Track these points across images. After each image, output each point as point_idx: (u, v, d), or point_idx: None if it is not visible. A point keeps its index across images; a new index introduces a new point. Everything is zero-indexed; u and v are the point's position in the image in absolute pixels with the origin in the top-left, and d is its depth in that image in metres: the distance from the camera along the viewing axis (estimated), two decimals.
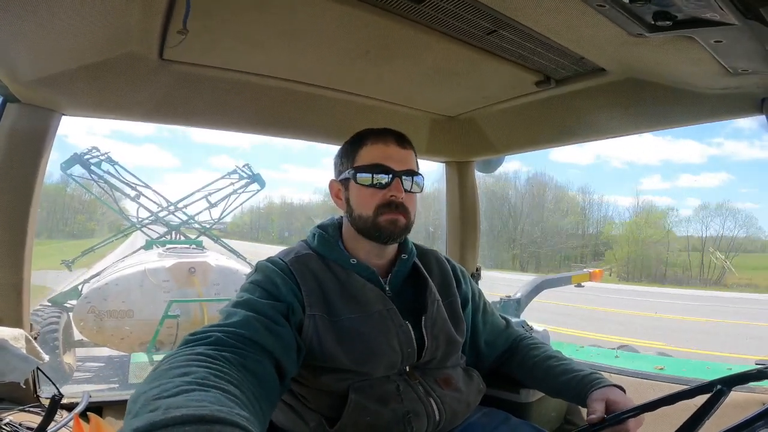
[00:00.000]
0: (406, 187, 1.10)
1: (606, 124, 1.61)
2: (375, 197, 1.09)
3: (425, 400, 1.04)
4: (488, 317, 1.32)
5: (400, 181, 1.09)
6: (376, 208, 1.09)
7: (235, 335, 0.84)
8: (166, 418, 0.54)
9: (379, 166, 1.10)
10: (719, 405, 0.78)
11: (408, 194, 1.11)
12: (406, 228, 1.12)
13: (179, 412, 0.55)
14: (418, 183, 1.13)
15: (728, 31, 0.96)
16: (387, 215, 1.08)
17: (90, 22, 1.04)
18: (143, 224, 9.73)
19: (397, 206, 1.09)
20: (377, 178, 1.09)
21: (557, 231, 35.68)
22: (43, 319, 6.57)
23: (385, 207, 1.08)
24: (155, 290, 6.51)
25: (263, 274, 1.04)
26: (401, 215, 1.09)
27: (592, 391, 1.05)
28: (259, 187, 10.55)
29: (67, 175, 9.06)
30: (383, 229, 1.08)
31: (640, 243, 30.71)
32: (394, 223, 1.08)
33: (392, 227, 1.09)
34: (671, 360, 2.89)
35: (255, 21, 1.13)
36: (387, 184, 1.09)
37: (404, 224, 1.10)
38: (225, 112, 1.56)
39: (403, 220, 1.10)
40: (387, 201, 1.08)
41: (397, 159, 1.11)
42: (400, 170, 1.10)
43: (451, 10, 1.09)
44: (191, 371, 0.68)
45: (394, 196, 1.08)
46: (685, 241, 31.25)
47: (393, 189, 1.08)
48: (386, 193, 1.08)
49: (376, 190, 1.09)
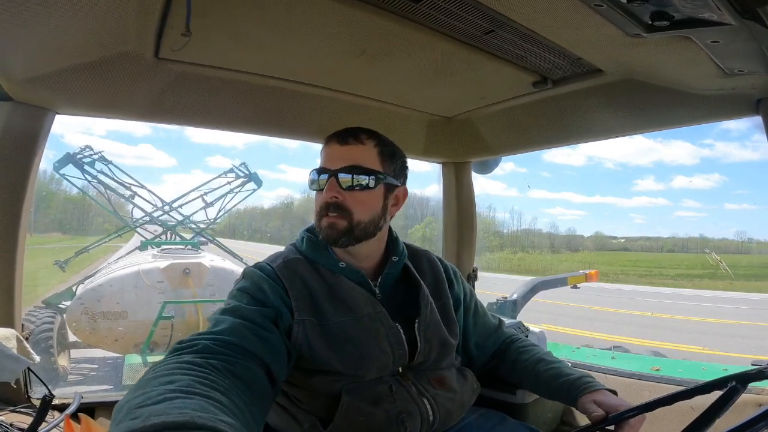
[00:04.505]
0: (344, 185, 1.05)
1: (603, 124, 1.61)
2: (318, 201, 1.09)
3: (418, 400, 1.04)
4: (479, 318, 1.31)
5: (335, 179, 1.05)
6: (318, 212, 1.08)
7: (223, 342, 0.84)
8: (145, 425, 0.54)
9: (318, 168, 1.09)
10: (733, 402, 0.78)
11: (352, 192, 1.06)
12: (348, 231, 1.06)
13: (159, 419, 0.55)
14: (363, 178, 1.06)
15: (725, 31, 0.96)
16: (324, 218, 1.06)
17: (85, 20, 1.03)
18: (138, 224, 9.67)
19: (329, 207, 1.06)
20: (315, 181, 1.09)
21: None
22: (38, 319, 6.53)
23: (323, 209, 1.07)
24: (150, 291, 6.48)
25: (251, 281, 1.03)
26: (339, 218, 1.05)
27: (583, 394, 1.05)
28: (255, 186, 10.49)
29: (60, 174, 8.98)
30: (324, 233, 1.07)
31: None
32: (331, 226, 1.06)
33: (330, 230, 1.06)
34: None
35: (251, 20, 1.13)
36: (322, 186, 1.07)
37: (344, 227, 1.05)
38: (221, 112, 1.55)
39: (342, 222, 1.05)
40: (323, 203, 1.06)
41: (335, 157, 1.08)
42: (335, 168, 1.06)
43: (448, 9, 1.08)
44: (176, 379, 0.68)
45: (326, 197, 1.06)
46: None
47: (326, 190, 1.06)
48: (324, 195, 1.06)
49: (318, 194, 1.09)
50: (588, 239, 55.58)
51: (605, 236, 58.20)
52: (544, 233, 56.95)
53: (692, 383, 0.97)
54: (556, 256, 41.39)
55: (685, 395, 0.88)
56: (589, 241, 54.73)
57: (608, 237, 57.71)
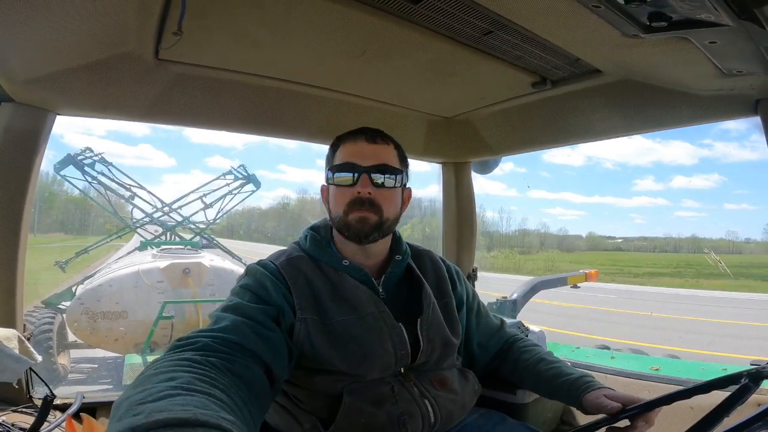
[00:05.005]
0: (376, 183, 1.09)
1: (601, 125, 1.62)
2: (345, 196, 1.09)
3: (420, 402, 1.04)
4: (482, 319, 1.31)
5: (367, 176, 1.08)
6: (345, 206, 1.08)
7: (223, 340, 0.84)
8: (148, 421, 0.54)
9: (347, 164, 1.10)
10: (746, 398, 0.78)
11: (380, 190, 1.09)
12: (378, 226, 1.09)
13: (162, 415, 0.55)
14: (391, 178, 1.11)
15: (722, 32, 0.96)
16: (355, 212, 1.07)
17: (85, 21, 1.03)
18: (138, 225, 9.68)
19: (362, 202, 1.08)
20: (345, 176, 1.09)
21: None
22: (37, 320, 6.53)
23: (353, 204, 1.08)
24: (149, 291, 6.48)
25: (253, 278, 1.04)
26: (370, 212, 1.07)
27: (587, 393, 1.05)
28: (254, 188, 10.52)
29: (60, 176, 9.00)
30: (352, 227, 1.08)
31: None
32: (363, 220, 1.07)
33: (361, 225, 1.07)
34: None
35: (251, 20, 1.13)
36: (355, 181, 1.09)
37: (375, 222, 1.08)
38: (221, 112, 1.55)
39: (374, 217, 1.08)
40: (354, 198, 1.08)
41: (366, 155, 1.10)
42: (368, 166, 1.09)
43: (447, 10, 1.09)
44: (177, 376, 0.68)
45: (360, 192, 1.07)
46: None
47: (359, 185, 1.08)
48: (354, 190, 1.08)
49: (345, 189, 1.09)
50: (582, 239, 56.06)
51: (598, 236, 58.83)
52: (534, 233, 57.33)
53: (691, 383, 0.97)
54: (525, 257, 41.47)
55: (701, 390, 0.88)
56: (582, 241, 55.15)
57: (602, 237, 58.34)
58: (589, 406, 1.03)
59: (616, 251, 49.20)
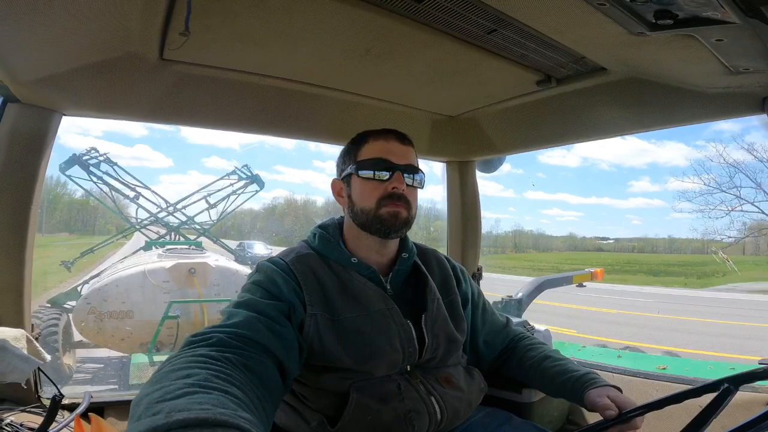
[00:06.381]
0: (407, 182, 1.12)
1: (607, 123, 1.61)
2: (377, 190, 1.11)
3: (426, 399, 1.04)
4: (488, 317, 1.32)
5: (401, 174, 1.11)
6: (378, 200, 1.10)
7: (237, 336, 0.84)
8: (169, 421, 0.54)
9: (381, 160, 1.12)
10: (726, 404, 0.78)
11: (409, 188, 1.13)
12: (407, 221, 1.13)
13: (182, 415, 0.55)
14: (418, 179, 1.15)
15: (729, 30, 0.96)
16: (389, 207, 1.10)
17: (90, 22, 1.04)
18: (143, 225, 9.73)
19: (398, 198, 1.10)
20: (379, 172, 1.11)
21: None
22: (43, 321, 6.56)
23: (386, 199, 1.10)
24: (155, 291, 6.50)
25: (264, 275, 1.05)
26: (403, 207, 1.11)
27: (589, 389, 1.05)
28: (258, 188, 10.55)
29: (66, 176, 9.05)
30: (385, 221, 1.10)
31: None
32: (396, 215, 1.10)
33: (393, 219, 1.10)
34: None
35: (255, 20, 1.13)
36: (388, 177, 1.11)
37: (405, 217, 1.12)
38: (225, 112, 1.56)
39: (405, 212, 1.11)
40: (389, 193, 1.10)
41: (398, 154, 1.13)
42: (401, 164, 1.12)
43: (451, 9, 1.08)
44: (193, 373, 0.68)
45: (395, 188, 1.10)
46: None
47: (394, 181, 1.10)
48: (388, 185, 1.10)
49: (377, 183, 1.11)
50: (560, 239, 56.58)
51: (578, 238, 59.17)
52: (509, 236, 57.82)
53: (699, 382, 0.97)
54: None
55: (691, 394, 0.88)
56: (560, 241, 55.53)
57: (581, 238, 58.59)
58: (590, 404, 1.03)
59: (596, 251, 49.65)
